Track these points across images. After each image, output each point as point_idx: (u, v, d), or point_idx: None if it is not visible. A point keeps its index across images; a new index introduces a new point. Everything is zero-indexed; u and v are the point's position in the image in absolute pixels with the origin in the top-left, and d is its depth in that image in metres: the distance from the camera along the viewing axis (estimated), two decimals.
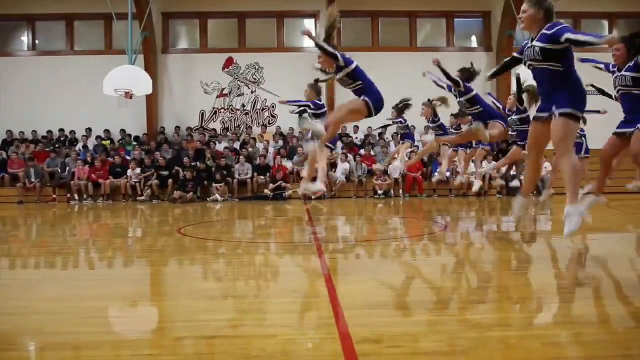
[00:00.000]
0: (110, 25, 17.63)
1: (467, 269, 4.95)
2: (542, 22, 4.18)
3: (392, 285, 4.13)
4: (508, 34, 17.44)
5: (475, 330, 2.96)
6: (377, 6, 18.14)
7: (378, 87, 5.68)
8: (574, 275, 4.15)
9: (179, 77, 18.23)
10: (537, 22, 4.19)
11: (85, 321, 3.18)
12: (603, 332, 2.96)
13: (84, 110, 17.28)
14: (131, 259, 5.66)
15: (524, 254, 5.75)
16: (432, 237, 7.06)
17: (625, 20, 18.94)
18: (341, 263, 4.97)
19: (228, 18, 18.49)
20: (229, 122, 18.37)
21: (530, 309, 3.45)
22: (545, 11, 4.17)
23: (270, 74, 18.26)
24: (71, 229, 8.89)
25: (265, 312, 3.40)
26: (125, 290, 4.04)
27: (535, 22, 4.20)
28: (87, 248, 6.57)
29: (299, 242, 6.73)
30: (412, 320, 3.15)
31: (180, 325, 3.13)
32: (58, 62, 17.77)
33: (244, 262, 5.25)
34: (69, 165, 15.35)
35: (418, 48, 18.58)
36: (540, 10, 4.17)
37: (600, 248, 5.92)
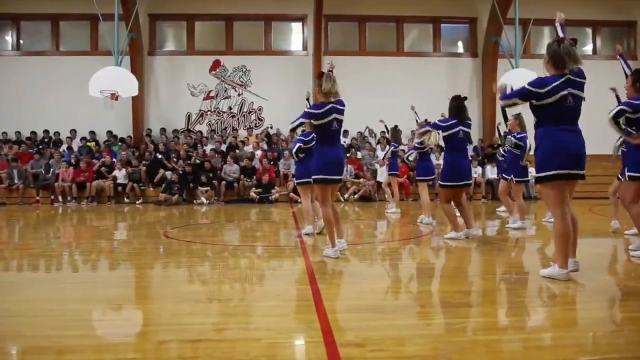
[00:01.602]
0: (96, 26, 17.50)
1: (451, 273, 4.97)
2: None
3: (376, 289, 4.14)
4: (494, 40, 17.61)
5: (459, 334, 2.98)
6: (364, 11, 18.21)
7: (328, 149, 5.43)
8: (557, 280, 4.19)
9: (166, 79, 18.14)
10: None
11: (67, 324, 3.15)
12: (584, 335, 2.99)
13: (69, 111, 17.13)
14: (115, 262, 5.61)
15: (508, 258, 5.79)
16: (418, 240, 7.09)
17: (609, 28, 19.23)
18: (326, 266, 4.97)
19: (215, 20, 18.46)
20: (216, 124, 18.32)
21: (513, 313, 3.48)
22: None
23: (257, 77, 18.25)
24: (54, 231, 8.79)
25: (250, 316, 3.39)
26: (109, 293, 4.01)
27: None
28: (71, 250, 6.50)
29: (285, 246, 6.72)
30: (396, 324, 3.16)
31: (164, 328, 3.11)
32: (43, 62, 17.60)
33: (229, 265, 5.24)
34: (52, 167, 15.19)
35: (405, 53, 18.69)
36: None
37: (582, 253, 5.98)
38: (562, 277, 4.18)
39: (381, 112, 16.66)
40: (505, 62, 16.98)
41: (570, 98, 4.16)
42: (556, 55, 4.19)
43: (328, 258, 5.29)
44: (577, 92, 4.20)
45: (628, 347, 2.77)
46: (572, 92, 4.17)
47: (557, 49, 4.19)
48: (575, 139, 4.22)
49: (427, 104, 16.98)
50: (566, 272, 4.19)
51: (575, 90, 4.18)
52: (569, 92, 4.15)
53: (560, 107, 4.16)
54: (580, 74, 4.24)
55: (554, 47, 4.22)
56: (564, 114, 4.18)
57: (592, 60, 18.50)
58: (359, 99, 16.67)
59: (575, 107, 4.21)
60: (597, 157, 5.99)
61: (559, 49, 4.18)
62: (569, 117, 4.21)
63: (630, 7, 18.55)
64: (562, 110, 4.17)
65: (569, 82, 4.16)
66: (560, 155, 4.14)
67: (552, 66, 4.24)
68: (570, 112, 4.20)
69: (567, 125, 4.19)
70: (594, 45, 19.11)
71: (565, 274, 4.19)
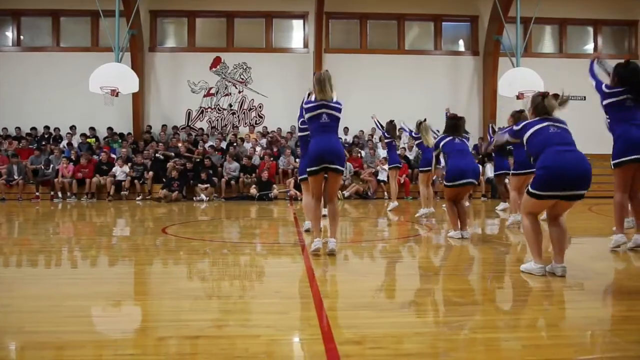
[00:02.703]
0: (97, 22, 17.51)
1: (450, 271, 4.98)
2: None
3: (375, 287, 4.14)
4: (495, 38, 17.60)
5: (457, 332, 2.99)
6: (365, 8, 18.21)
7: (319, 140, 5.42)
8: (556, 278, 4.20)
9: (166, 75, 18.15)
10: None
11: (67, 320, 3.16)
12: (583, 334, 3.00)
13: (69, 108, 17.16)
14: (115, 258, 5.62)
15: (508, 256, 5.80)
16: (417, 239, 7.10)
17: (609, 27, 19.21)
18: (326, 264, 4.98)
19: (216, 17, 18.46)
20: (216, 121, 18.32)
21: (512, 312, 3.48)
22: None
23: (257, 74, 18.25)
24: (54, 227, 8.80)
25: (249, 313, 3.39)
26: (109, 289, 4.02)
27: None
28: (70, 246, 6.51)
29: (284, 243, 6.72)
30: (395, 321, 3.16)
31: (164, 324, 3.12)
32: (43, 58, 17.61)
33: (228, 262, 5.24)
34: (52, 163, 15.20)
35: (406, 51, 18.69)
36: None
37: (582, 252, 5.99)
38: (538, 272, 4.35)
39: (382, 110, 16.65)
40: (507, 60, 16.99)
41: (552, 128, 4.42)
42: (539, 106, 4.55)
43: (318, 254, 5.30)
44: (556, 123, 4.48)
45: (627, 346, 2.77)
46: (552, 124, 4.45)
47: (541, 102, 4.53)
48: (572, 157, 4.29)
49: (427, 102, 17.04)
50: (541, 267, 4.36)
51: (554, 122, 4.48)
52: (549, 124, 4.44)
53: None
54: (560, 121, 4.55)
55: (537, 100, 4.57)
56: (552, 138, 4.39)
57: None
58: (359, 97, 16.70)
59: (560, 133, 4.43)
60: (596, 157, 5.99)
61: (542, 102, 4.53)
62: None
63: (631, 6, 18.55)
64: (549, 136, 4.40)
65: (549, 120, 4.49)
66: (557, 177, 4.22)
67: (534, 115, 4.59)
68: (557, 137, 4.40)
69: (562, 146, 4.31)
70: (595, 44, 19.09)
71: (540, 268, 4.35)
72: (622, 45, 19.37)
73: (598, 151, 12.07)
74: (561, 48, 18.93)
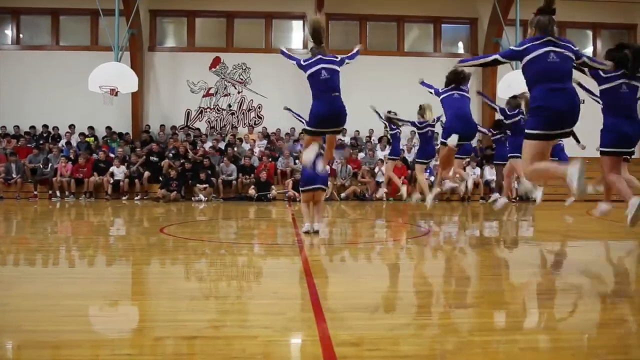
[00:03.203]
0: (96, 21, 17.49)
1: (448, 273, 4.99)
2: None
3: (373, 288, 4.15)
4: (494, 41, 17.61)
5: (455, 334, 2.99)
6: (365, 10, 18.22)
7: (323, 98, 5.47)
8: (554, 281, 4.21)
9: (165, 75, 18.14)
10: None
11: (64, 319, 3.15)
12: (580, 337, 3.00)
13: (68, 106, 17.13)
14: (113, 257, 5.62)
15: (505, 259, 5.80)
16: (415, 240, 7.10)
17: (608, 30, 19.24)
18: (323, 265, 4.98)
19: (216, 17, 18.46)
20: (215, 121, 18.32)
21: (509, 314, 3.49)
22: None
23: (257, 75, 18.25)
24: (52, 226, 8.79)
25: (247, 313, 3.40)
26: (106, 288, 4.01)
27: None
28: (68, 245, 6.50)
29: (282, 244, 6.73)
30: (393, 323, 3.16)
31: (161, 325, 3.12)
32: (42, 57, 17.59)
33: (226, 263, 5.24)
34: (51, 162, 15.18)
35: (405, 52, 18.70)
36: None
37: (579, 254, 6.00)
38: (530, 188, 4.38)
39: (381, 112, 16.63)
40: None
41: (552, 55, 4.25)
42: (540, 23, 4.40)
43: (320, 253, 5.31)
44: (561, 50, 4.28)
45: (624, 350, 2.78)
46: (553, 49, 4.26)
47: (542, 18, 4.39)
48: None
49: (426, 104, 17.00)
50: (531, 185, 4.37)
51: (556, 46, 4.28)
52: (550, 49, 4.26)
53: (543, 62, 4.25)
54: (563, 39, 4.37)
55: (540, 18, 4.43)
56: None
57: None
58: (358, 98, 16.66)
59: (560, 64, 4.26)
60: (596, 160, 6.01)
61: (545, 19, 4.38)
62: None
63: (630, 10, 18.56)
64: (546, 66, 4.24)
65: (551, 44, 4.29)
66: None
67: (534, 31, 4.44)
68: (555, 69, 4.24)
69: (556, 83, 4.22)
70: (594, 48, 19.12)
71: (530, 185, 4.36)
72: None
73: (597, 154, 12.09)
74: None
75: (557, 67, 4.24)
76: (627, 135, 5.26)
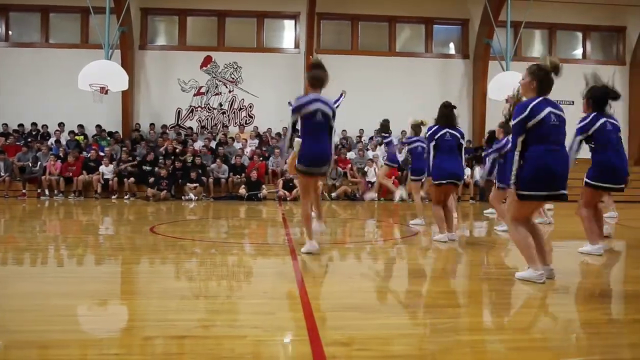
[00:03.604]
0: (86, 19, 17.39)
1: (438, 274, 5.00)
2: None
3: (363, 288, 4.15)
4: (485, 42, 17.70)
5: (444, 334, 3.00)
6: (357, 10, 18.24)
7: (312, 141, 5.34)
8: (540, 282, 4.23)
9: (156, 73, 18.06)
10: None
11: (52, 319, 3.13)
12: (566, 337, 3.03)
13: (58, 104, 17.01)
14: (102, 257, 5.58)
15: (494, 259, 5.83)
16: (405, 240, 7.12)
17: (598, 33, 19.40)
18: (314, 265, 4.98)
19: (207, 16, 18.41)
20: (206, 120, 18.27)
21: (498, 314, 3.51)
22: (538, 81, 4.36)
23: (248, 74, 18.22)
24: (41, 225, 8.73)
25: (236, 313, 3.39)
26: (95, 288, 3.99)
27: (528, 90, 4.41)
28: (57, 244, 6.46)
29: (273, 243, 6.72)
30: (383, 323, 3.17)
31: (150, 324, 3.10)
32: (32, 54, 17.47)
33: (216, 262, 5.23)
34: (40, 160, 15.07)
35: (397, 53, 18.75)
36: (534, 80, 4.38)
37: (565, 255, 6.04)
38: (537, 279, 4.19)
39: (372, 112, 16.72)
40: (497, 64, 17.09)
41: (553, 117, 4.22)
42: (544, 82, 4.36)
43: (309, 254, 5.29)
44: (558, 112, 4.27)
45: (608, 349, 2.80)
46: (553, 110, 4.24)
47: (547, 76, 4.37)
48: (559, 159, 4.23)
49: (418, 104, 17.07)
50: (540, 273, 4.19)
51: (556, 109, 4.27)
52: (551, 110, 4.23)
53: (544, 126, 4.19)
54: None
55: (542, 74, 4.39)
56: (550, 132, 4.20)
57: (581, 65, 18.69)
58: (350, 98, 16.65)
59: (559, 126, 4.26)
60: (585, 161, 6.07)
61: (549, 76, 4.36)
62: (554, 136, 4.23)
63: (620, 13, 18.72)
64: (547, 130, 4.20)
65: (550, 104, 4.28)
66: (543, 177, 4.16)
67: (535, 92, 4.37)
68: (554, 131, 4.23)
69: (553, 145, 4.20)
70: (584, 50, 19.28)
71: (539, 274, 4.19)
72: (611, 51, 19.56)
73: (587, 155, 12.17)
74: (551, 52, 19.05)
75: (557, 129, 4.24)
76: (617, 169, 5.74)
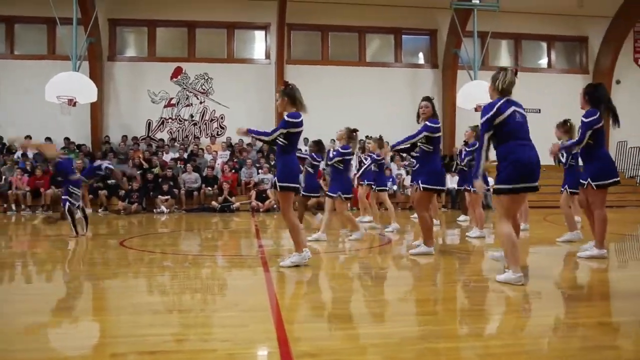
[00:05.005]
0: (53, 30, 17.11)
1: (410, 281, 5.05)
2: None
3: (335, 299, 4.17)
4: (453, 52, 18.00)
5: (415, 342, 3.03)
6: (327, 20, 18.37)
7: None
8: (513, 285, 4.31)
9: (126, 85, 17.86)
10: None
11: (17, 337, 3.07)
12: (537, 342, 3.08)
13: (24, 117, 16.65)
14: (71, 272, 5.49)
15: (467, 267, 5.91)
16: (378, 249, 7.16)
17: (562, 42, 19.93)
18: (286, 276, 4.98)
19: (177, 27, 18.31)
20: (177, 132, 18.13)
21: (470, 321, 3.55)
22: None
23: (219, 85, 18.16)
24: (7, 241, 8.53)
25: (208, 326, 3.37)
26: (64, 304, 3.92)
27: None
28: (24, 260, 6.32)
29: (246, 255, 6.69)
30: (352, 333, 3.19)
31: (121, 340, 3.07)
32: None
33: (189, 275, 5.19)
34: (4, 174, 14.71)
35: (367, 62, 18.94)
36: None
37: (536, 261, 6.16)
38: (516, 281, 4.36)
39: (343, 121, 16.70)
40: (465, 73, 17.39)
41: (518, 115, 4.66)
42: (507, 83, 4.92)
43: (289, 267, 5.29)
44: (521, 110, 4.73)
45: (579, 353, 2.86)
46: (517, 109, 4.69)
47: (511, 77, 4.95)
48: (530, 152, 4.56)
49: (388, 113, 17.31)
50: (520, 276, 4.37)
51: (519, 108, 4.72)
52: (515, 109, 4.67)
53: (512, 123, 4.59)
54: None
55: (509, 76, 4.96)
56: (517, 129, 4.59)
57: (547, 74, 19.16)
58: (320, 108, 16.74)
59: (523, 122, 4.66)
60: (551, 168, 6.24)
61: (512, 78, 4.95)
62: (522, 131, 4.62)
63: (582, 23, 19.26)
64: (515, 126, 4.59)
65: (513, 104, 4.73)
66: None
67: (498, 93, 4.87)
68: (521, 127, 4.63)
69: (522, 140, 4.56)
70: (548, 59, 19.77)
71: (518, 277, 4.37)
72: (574, 60, 20.08)
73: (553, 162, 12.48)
74: (517, 62, 19.50)
75: (522, 126, 4.66)
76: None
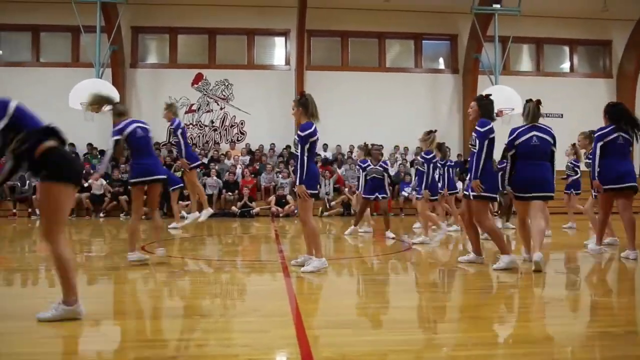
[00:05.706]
0: (77, 38, 17.41)
1: (430, 288, 5.00)
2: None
3: (356, 304, 4.14)
4: (474, 56, 17.88)
5: (437, 349, 3.00)
6: (346, 26, 18.38)
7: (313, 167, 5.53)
8: (533, 296, 4.25)
9: (147, 91, 18.07)
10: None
11: (41, 341, 3.10)
12: (560, 350, 3.02)
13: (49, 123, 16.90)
14: (93, 276, 5.54)
15: (488, 274, 5.83)
16: (398, 255, 7.11)
17: (585, 47, 19.66)
18: (306, 281, 4.97)
19: (198, 34, 18.49)
20: (197, 138, 18.26)
21: (491, 328, 3.50)
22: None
23: (239, 91, 18.27)
24: (31, 245, 8.65)
25: (228, 331, 3.37)
26: (86, 308, 3.95)
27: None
28: (48, 265, 6.40)
29: (266, 260, 6.70)
30: (375, 339, 3.16)
31: (142, 344, 3.08)
32: (23, 73, 17.41)
33: (209, 280, 5.20)
34: (29, 179, 14.96)
35: (387, 68, 18.89)
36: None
37: (553, 268, 6.05)
38: (510, 264, 5.29)
39: (362, 127, 16.83)
40: (485, 78, 17.26)
41: (535, 139, 5.48)
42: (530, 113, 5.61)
43: (309, 273, 5.28)
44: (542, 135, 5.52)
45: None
46: (536, 134, 5.49)
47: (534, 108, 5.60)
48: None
49: (408, 119, 17.24)
50: (511, 259, 5.34)
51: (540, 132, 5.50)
52: (534, 134, 5.49)
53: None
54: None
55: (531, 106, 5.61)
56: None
57: (569, 78, 18.90)
58: (340, 114, 16.78)
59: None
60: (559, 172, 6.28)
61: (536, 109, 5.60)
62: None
63: (605, 27, 18.98)
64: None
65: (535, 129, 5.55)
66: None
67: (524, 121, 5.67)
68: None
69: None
70: (571, 63, 19.50)
71: (510, 260, 5.32)
72: (597, 64, 19.79)
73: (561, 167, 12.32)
74: (538, 66, 19.30)
75: (539, 148, 5.53)
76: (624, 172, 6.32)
